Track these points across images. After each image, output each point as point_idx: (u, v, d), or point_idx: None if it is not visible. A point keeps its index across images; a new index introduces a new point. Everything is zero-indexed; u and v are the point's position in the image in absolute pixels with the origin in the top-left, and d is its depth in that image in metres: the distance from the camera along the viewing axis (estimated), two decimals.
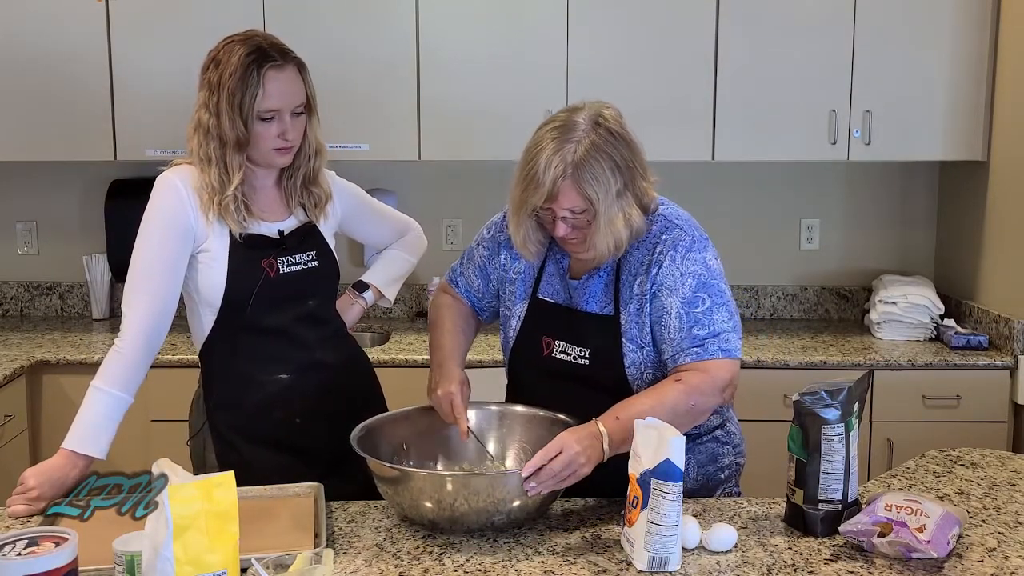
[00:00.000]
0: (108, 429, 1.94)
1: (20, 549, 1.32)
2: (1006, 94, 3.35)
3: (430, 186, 3.84)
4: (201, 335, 2.09)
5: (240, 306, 2.03)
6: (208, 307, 2.05)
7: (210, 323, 2.06)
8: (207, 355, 2.11)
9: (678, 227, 1.89)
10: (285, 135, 2.00)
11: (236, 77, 1.95)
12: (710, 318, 1.83)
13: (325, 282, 2.16)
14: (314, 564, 1.46)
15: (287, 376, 2.10)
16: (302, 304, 2.11)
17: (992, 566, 1.61)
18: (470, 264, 2.12)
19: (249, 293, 2.02)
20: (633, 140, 1.84)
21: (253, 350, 2.07)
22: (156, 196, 2.00)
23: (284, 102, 1.99)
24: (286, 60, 2.00)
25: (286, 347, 2.09)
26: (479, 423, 1.99)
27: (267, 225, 2.07)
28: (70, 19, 3.40)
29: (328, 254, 2.15)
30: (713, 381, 1.81)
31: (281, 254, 2.06)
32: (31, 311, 3.93)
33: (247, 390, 2.08)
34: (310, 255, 2.11)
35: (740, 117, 3.44)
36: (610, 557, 1.64)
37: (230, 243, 2.01)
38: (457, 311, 2.12)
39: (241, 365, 2.08)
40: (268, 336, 2.07)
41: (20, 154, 3.53)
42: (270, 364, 2.09)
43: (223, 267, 2.00)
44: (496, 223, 2.09)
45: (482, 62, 3.42)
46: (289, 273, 2.07)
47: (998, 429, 3.25)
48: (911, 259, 3.90)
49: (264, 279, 2.03)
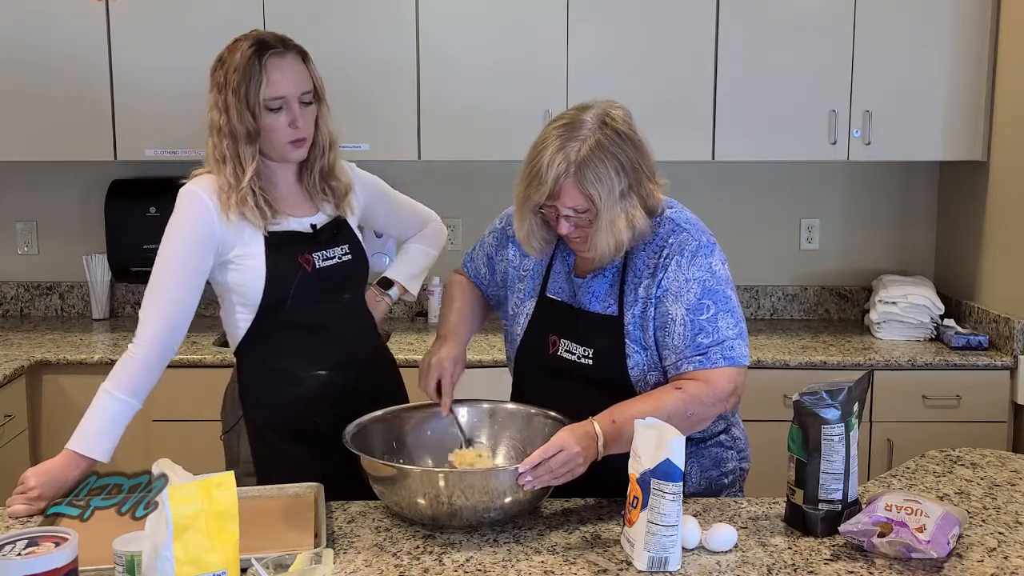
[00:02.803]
0: (113, 433, 1.94)
1: (20, 549, 1.32)
2: (1006, 94, 3.35)
3: (430, 186, 3.83)
4: (238, 334, 2.09)
5: (279, 303, 2.04)
6: (246, 307, 2.05)
7: (247, 322, 2.06)
8: (244, 353, 2.11)
9: (685, 231, 1.88)
10: (295, 123, 2.00)
11: (240, 70, 1.98)
12: (715, 325, 1.82)
13: (359, 275, 2.18)
14: (314, 564, 1.46)
15: (326, 372, 2.11)
16: (339, 298, 2.13)
17: (992, 566, 1.61)
18: (480, 251, 2.14)
19: (288, 289, 2.03)
20: (641, 141, 1.83)
21: (292, 347, 2.08)
22: (179, 208, 2.01)
23: (289, 88, 2.00)
24: (287, 48, 2.02)
25: (325, 342, 2.11)
26: (470, 420, 2.00)
27: (297, 221, 2.08)
28: (70, 19, 3.40)
29: (359, 247, 2.17)
30: (714, 392, 1.80)
31: (316, 248, 2.08)
32: (31, 311, 3.93)
33: (287, 387, 2.09)
34: (343, 248, 2.13)
35: (740, 117, 3.44)
36: (610, 557, 1.64)
37: (265, 241, 2.02)
38: (470, 291, 2.14)
39: (280, 362, 2.09)
40: (307, 332, 2.08)
41: (20, 154, 3.53)
42: (309, 360, 2.10)
43: (261, 266, 2.02)
44: (508, 215, 2.08)
45: (482, 62, 3.42)
46: (325, 267, 2.09)
47: (998, 429, 3.25)
48: (911, 259, 3.90)
49: (301, 274, 2.05)
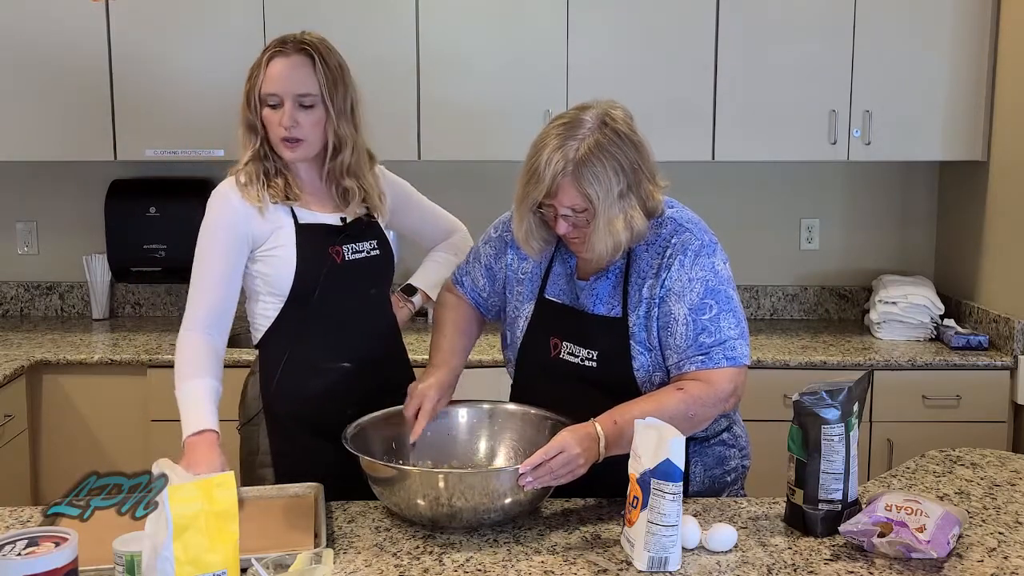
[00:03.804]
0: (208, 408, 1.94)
1: (20, 549, 1.32)
2: (1006, 94, 3.35)
3: (430, 186, 3.82)
4: (263, 324, 2.11)
5: (308, 293, 2.06)
6: (275, 296, 2.08)
7: (275, 311, 2.09)
8: (268, 343, 2.12)
9: (688, 231, 1.88)
10: (283, 122, 2.02)
11: (254, 65, 2.07)
12: (717, 325, 1.82)
13: (386, 271, 2.22)
14: (314, 564, 1.46)
15: (350, 364, 2.12)
16: (366, 292, 2.16)
17: (992, 566, 1.61)
18: (476, 263, 2.12)
19: (317, 280, 2.06)
20: (641, 142, 1.82)
21: (318, 338, 2.10)
22: (209, 210, 2.07)
23: (282, 87, 2.02)
24: (295, 49, 2.05)
25: (350, 335, 2.13)
26: (470, 421, 2.00)
27: (326, 215, 2.11)
28: (70, 19, 3.40)
29: (387, 245, 2.20)
30: (715, 393, 1.80)
31: (345, 241, 2.11)
32: (31, 311, 3.93)
33: (311, 378, 2.10)
34: (372, 243, 2.16)
35: (740, 117, 3.44)
36: (610, 557, 1.64)
37: (296, 232, 2.05)
38: (460, 313, 2.12)
39: (305, 353, 2.10)
40: (332, 324, 2.10)
41: (20, 154, 3.53)
42: (334, 352, 2.12)
43: (292, 256, 2.05)
44: (504, 222, 2.08)
45: (482, 62, 3.42)
46: (354, 260, 2.12)
47: (998, 429, 3.25)
48: (911, 259, 3.90)
49: (331, 266, 2.07)
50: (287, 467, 2.09)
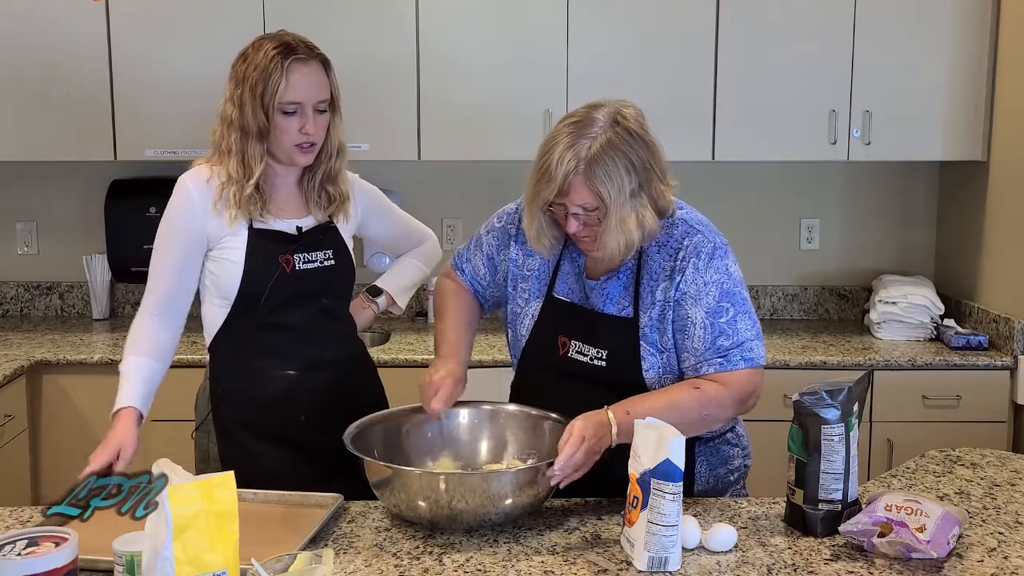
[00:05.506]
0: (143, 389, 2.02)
1: (20, 549, 1.32)
2: (1006, 94, 3.35)
3: (430, 186, 3.84)
4: (213, 328, 2.11)
5: (254, 300, 2.05)
6: (222, 300, 2.07)
7: (223, 316, 2.08)
8: (217, 348, 2.12)
9: (700, 232, 1.87)
10: (305, 129, 2.02)
11: (260, 68, 2.01)
12: (734, 327, 1.82)
13: (340, 281, 2.18)
14: (314, 564, 1.46)
15: (295, 372, 2.11)
16: (316, 302, 2.13)
17: (992, 566, 1.61)
18: (478, 251, 2.10)
19: (264, 287, 2.04)
20: (653, 141, 1.82)
21: (264, 345, 2.09)
22: (173, 196, 2.06)
23: (307, 95, 2.02)
24: (312, 55, 2.05)
25: (297, 343, 2.11)
26: (471, 422, 2.00)
27: (285, 222, 2.09)
28: (70, 19, 3.40)
29: (345, 254, 2.17)
30: (732, 395, 1.81)
31: (298, 251, 2.09)
32: (31, 311, 3.93)
33: (256, 385, 2.10)
34: (327, 253, 2.13)
35: (740, 117, 3.44)
36: (610, 557, 1.64)
37: (248, 237, 2.04)
38: (463, 301, 2.10)
39: (252, 359, 2.10)
40: (280, 331, 2.09)
41: (20, 154, 3.53)
42: (280, 360, 2.10)
43: (240, 260, 2.04)
44: (508, 213, 2.06)
45: (482, 62, 3.42)
46: (305, 270, 2.09)
47: (998, 429, 3.25)
48: (911, 259, 3.90)
49: (280, 274, 2.06)
50: (233, 472, 2.09)
